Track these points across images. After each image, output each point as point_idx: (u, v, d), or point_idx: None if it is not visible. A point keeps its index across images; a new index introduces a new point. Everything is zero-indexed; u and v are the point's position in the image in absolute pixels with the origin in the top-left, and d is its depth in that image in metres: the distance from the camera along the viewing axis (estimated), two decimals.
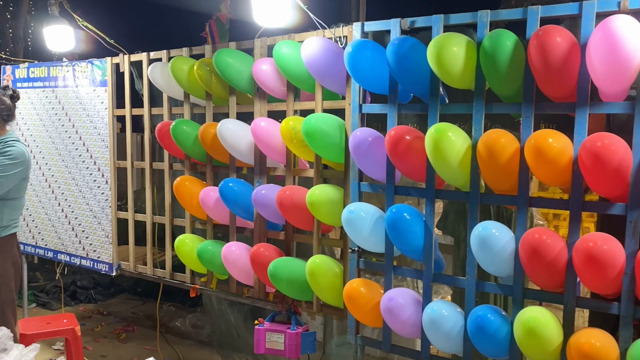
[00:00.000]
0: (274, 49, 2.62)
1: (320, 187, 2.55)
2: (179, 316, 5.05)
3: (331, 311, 2.70)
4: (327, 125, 2.49)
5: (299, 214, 2.62)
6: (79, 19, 3.49)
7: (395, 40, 2.20)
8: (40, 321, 3.53)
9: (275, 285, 2.66)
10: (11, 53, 8.39)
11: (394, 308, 2.28)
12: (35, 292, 5.63)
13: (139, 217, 3.52)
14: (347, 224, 2.37)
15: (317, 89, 2.62)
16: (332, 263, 2.58)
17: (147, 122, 3.38)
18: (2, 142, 2.77)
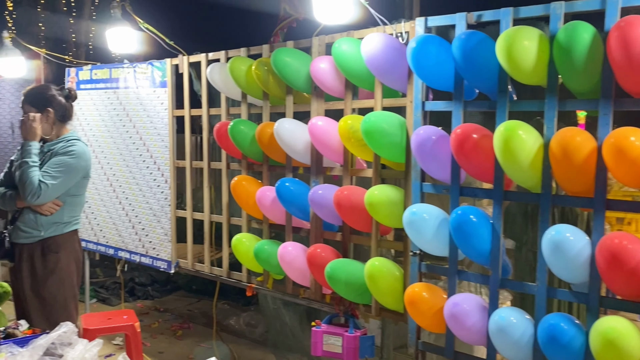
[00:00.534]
0: (333, 47, 2.58)
1: (379, 188, 2.49)
2: (233, 314, 5.10)
3: (390, 315, 2.63)
4: (387, 123, 2.42)
5: (357, 215, 2.56)
6: (139, 21, 3.55)
7: (462, 34, 2.11)
8: (102, 317, 3.62)
9: (333, 287, 2.62)
10: (74, 56, 8.74)
11: (458, 314, 2.19)
12: (96, 288, 5.81)
13: (197, 215, 3.55)
14: (409, 226, 2.29)
15: (377, 86, 2.55)
16: (392, 266, 2.51)
17: (205, 122, 3.41)
18: (63, 140, 2.86)
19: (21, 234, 2.83)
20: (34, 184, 2.67)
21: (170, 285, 6.13)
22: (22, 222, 2.82)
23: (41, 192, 2.68)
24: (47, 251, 2.83)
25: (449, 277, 2.33)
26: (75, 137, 2.92)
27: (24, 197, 2.71)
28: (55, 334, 2.06)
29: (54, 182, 2.71)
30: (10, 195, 2.82)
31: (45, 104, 2.84)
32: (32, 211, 2.80)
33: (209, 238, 3.43)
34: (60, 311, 2.86)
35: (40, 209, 2.78)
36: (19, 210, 2.84)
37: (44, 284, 2.83)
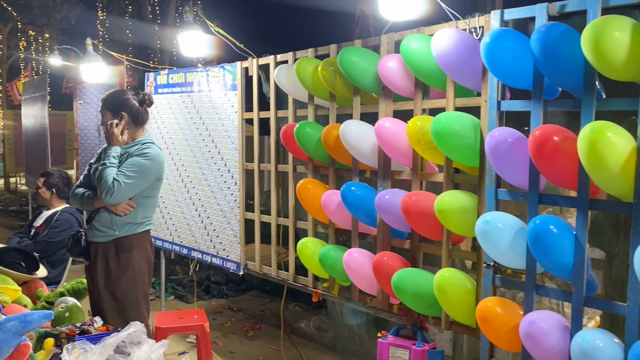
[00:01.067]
0: (402, 44, 2.45)
1: (450, 194, 2.33)
2: (304, 317, 5.06)
3: (461, 329, 2.47)
4: (459, 124, 2.27)
5: (426, 222, 2.42)
6: (211, 25, 3.60)
7: (542, 27, 1.92)
8: (174, 315, 3.70)
9: (400, 297, 2.49)
10: (159, 62, 9.15)
11: (536, 333, 1.99)
12: (174, 285, 6.00)
13: (264, 218, 3.54)
14: (482, 236, 2.13)
15: (449, 85, 2.40)
16: (464, 278, 2.34)
17: (273, 124, 3.39)
18: (138, 143, 2.93)
19: (97, 233, 2.93)
20: (108, 182, 2.76)
21: (244, 285, 6.21)
22: (98, 222, 2.92)
23: (114, 190, 2.76)
24: (120, 250, 2.91)
25: (526, 293, 2.13)
26: (150, 140, 2.99)
27: (99, 195, 2.80)
28: (125, 333, 2.08)
29: (127, 181, 2.78)
30: (88, 196, 2.93)
31: (119, 108, 2.93)
32: (107, 211, 2.89)
33: (275, 241, 3.41)
34: (132, 309, 2.94)
35: (115, 209, 2.86)
36: (96, 210, 2.95)
37: (117, 282, 2.91)
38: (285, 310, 5.22)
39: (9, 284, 2.62)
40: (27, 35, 16.60)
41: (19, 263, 3.00)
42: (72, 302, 2.54)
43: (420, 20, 2.45)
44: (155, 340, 2.24)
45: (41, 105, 7.00)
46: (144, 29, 9.49)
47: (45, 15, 16.54)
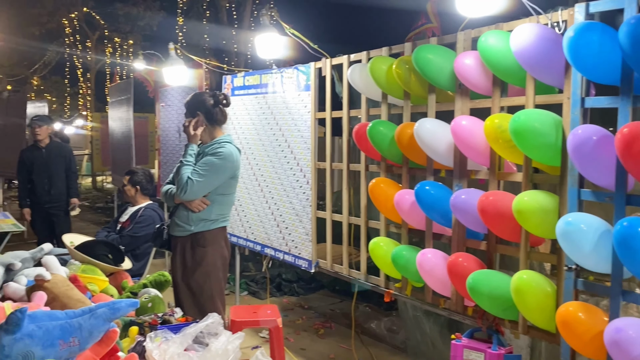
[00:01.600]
0: (479, 41, 2.39)
1: (530, 194, 2.25)
2: (375, 318, 5.05)
3: (540, 334, 2.38)
4: (539, 122, 2.18)
5: (504, 223, 2.35)
6: (286, 27, 3.67)
7: (632, 19, 1.81)
8: (248, 310, 3.79)
9: (475, 299, 2.43)
10: (235, 65, 9.43)
11: (622, 341, 1.89)
12: (247, 281, 6.16)
13: (336, 217, 3.57)
14: (563, 238, 2.04)
15: (529, 82, 2.32)
16: (543, 281, 2.26)
17: (345, 124, 3.41)
18: (215, 143, 3.06)
19: (176, 228, 3.07)
20: (183, 180, 2.91)
21: (314, 283, 6.28)
22: (177, 217, 3.07)
23: (187, 188, 2.89)
24: (195, 245, 3.04)
25: (612, 298, 2.02)
26: (227, 140, 3.09)
27: (176, 193, 2.93)
28: (203, 324, 2.17)
29: (199, 179, 2.91)
30: (170, 193, 3.09)
31: (195, 108, 3.08)
32: (185, 207, 3.03)
33: (347, 240, 3.42)
34: (207, 303, 3.06)
35: (190, 205, 3.00)
36: (176, 205, 3.09)
37: (192, 275, 3.04)
38: (356, 310, 5.23)
39: (97, 274, 2.78)
40: (112, 42, 17.62)
41: (106, 255, 3.19)
42: (155, 294, 2.68)
43: (498, 16, 2.38)
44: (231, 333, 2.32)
45: (126, 108, 7.40)
46: (220, 33, 9.82)
47: (130, 23, 17.50)
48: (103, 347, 1.82)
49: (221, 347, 2.06)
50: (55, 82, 22.74)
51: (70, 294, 2.33)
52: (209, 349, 2.02)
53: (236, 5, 10.01)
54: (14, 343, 1.63)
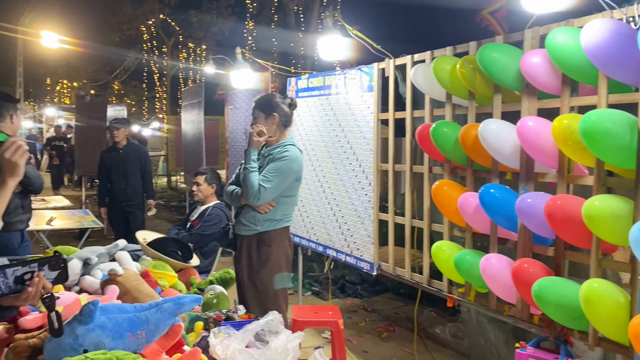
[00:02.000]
0: (547, 38, 2.30)
1: (601, 198, 2.14)
2: (439, 323, 4.95)
3: (612, 347, 2.25)
4: (612, 123, 2.07)
5: (573, 229, 2.24)
6: (349, 28, 3.68)
7: None
8: (310, 310, 3.83)
9: (541, 307, 2.34)
10: (302, 67, 9.56)
11: None
12: (311, 282, 6.21)
13: (398, 219, 3.53)
14: (637, 245, 1.92)
15: (601, 80, 2.20)
16: (616, 290, 2.13)
17: (408, 124, 3.37)
18: (280, 146, 3.11)
19: (242, 227, 3.16)
20: (254, 188, 2.98)
21: (379, 286, 6.24)
22: (243, 217, 3.15)
23: (260, 195, 2.97)
24: (261, 244, 3.11)
25: None
26: (291, 142, 3.15)
27: (247, 199, 3.03)
28: (264, 321, 2.21)
29: (269, 185, 2.99)
30: (236, 194, 3.17)
31: (272, 110, 3.12)
32: (251, 208, 3.11)
33: (409, 243, 3.38)
34: (271, 301, 3.12)
35: (258, 208, 3.07)
36: (242, 206, 3.17)
37: (258, 273, 3.11)
38: (420, 314, 5.15)
39: (167, 270, 2.90)
40: (187, 47, 18.34)
41: (176, 252, 3.32)
42: (220, 290, 2.76)
43: (568, 12, 2.28)
44: (292, 332, 2.35)
45: (198, 111, 7.68)
46: (288, 37, 9.98)
47: (203, 29, 18.15)
48: (169, 340, 1.90)
49: (281, 345, 2.09)
50: (134, 87, 23.98)
51: (141, 288, 2.45)
52: (269, 346, 2.06)
53: (304, 9, 10.16)
54: (87, 333, 1.74)
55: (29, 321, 2.07)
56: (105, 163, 6.04)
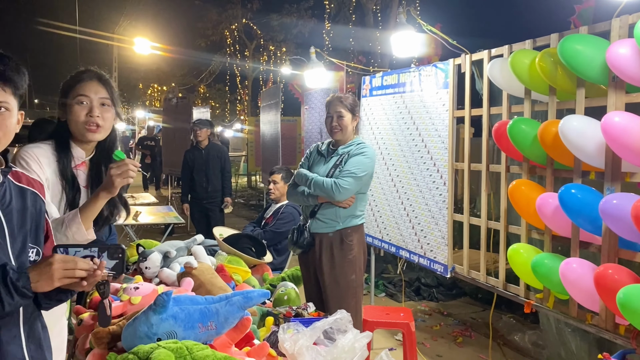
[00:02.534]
0: (636, 27, 2.13)
1: None
2: (518, 330, 4.74)
3: None
4: None
5: None
6: (423, 24, 3.61)
7: None
8: (381, 311, 3.80)
9: (627, 317, 2.17)
10: (379, 65, 9.50)
11: None
12: (385, 283, 6.15)
13: (473, 220, 3.41)
14: None
15: None
16: None
17: (485, 122, 3.25)
18: (353, 144, 3.20)
19: (321, 225, 3.21)
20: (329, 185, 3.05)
21: (455, 290, 6.07)
22: (322, 215, 3.20)
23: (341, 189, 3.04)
24: (344, 240, 3.16)
25: None
26: (361, 141, 3.26)
27: (332, 197, 3.08)
28: (332, 319, 2.22)
29: (353, 179, 3.05)
30: (309, 193, 3.21)
31: (357, 112, 3.28)
32: (330, 205, 3.14)
33: (485, 245, 3.26)
34: (351, 296, 3.17)
35: (340, 203, 3.12)
36: (318, 204, 3.21)
37: (341, 270, 3.16)
38: (498, 320, 4.95)
39: (241, 265, 2.98)
40: (268, 50, 18.80)
41: (250, 248, 3.40)
42: (291, 287, 2.80)
43: None
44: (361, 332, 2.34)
45: (275, 112, 7.83)
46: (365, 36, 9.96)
47: (283, 32, 18.53)
48: (238, 333, 1.95)
49: (348, 344, 2.09)
50: (218, 90, 24.91)
51: (214, 282, 2.53)
52: (336, 344, 2.05)
53: (382, 7, 10.09)
54: (160, 322, 1.81)
55: None
56: (188, 162, 6.30)
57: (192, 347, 1.75)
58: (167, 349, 1.70)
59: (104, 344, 1.92)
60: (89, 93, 2.06)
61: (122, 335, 1.86)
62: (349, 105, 3.22)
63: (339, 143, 3.26)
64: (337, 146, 3.26)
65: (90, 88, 2.07)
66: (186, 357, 1.71)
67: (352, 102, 3.26)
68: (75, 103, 2.06)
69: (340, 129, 3.19)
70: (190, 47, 20.46)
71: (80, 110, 2.06)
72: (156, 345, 1.73)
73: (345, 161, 3.13)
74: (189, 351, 1.73)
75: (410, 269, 6.16)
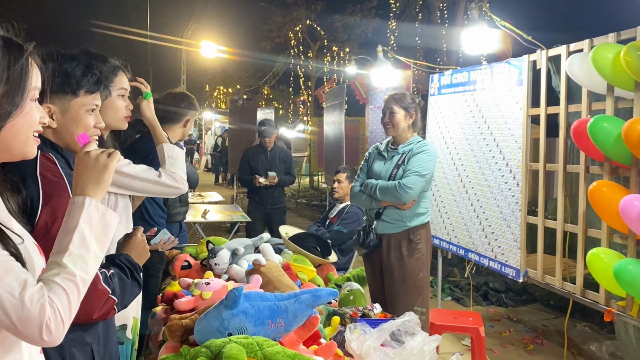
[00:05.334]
0: None
1: None
2: (595, 340, 4.50)
3: None
4: None
5: None
6: (497, 19, 3.49)
7: None
8: (449, 314, 3.71)
9: None
10: (445, 63, 9.32)
11: None
12: (451, 287, 6.01)
13: (549, 223, 3.26)
14: None
15: None
16: None
17: (562, 120, 3.11)
18: (412, 142, 3.21)
19: (388, 225, 3.20)
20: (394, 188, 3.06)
21: (525, 295, 5.85)
22: (388, 216, 3.20)
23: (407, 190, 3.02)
24: (411, 239, 3.16)
25: None
26: (421, 139, 3.26)
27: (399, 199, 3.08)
28: (400, 321, 2.18)
29: (417, 178, 3.04)
30: (373, 197, 3.21)
31: (411, 109, 3.25)
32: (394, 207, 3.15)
33: (561, 249, 3.11)
34: (418, 295, 3.16)
35: (403, 206, 3.10)
36: (382, 207, 3.20)
37: (409, 268, 3.17)
38: (573, 328, 4.73)
39: (307, 264, 2.99)
40: (331, 51, 18.86)
41: (315, 248, 3.41)
42: (357, 287, 2.78)
43: None
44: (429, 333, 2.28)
45: (339, 112, 7.84)
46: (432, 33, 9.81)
47: (347, 31, 18.54)
48: (306, 331, 1.95)
49: (417, 347, 2.05)
50: (282, 91, 25.23)
51: (282, 279, 2.54)
52: (404, 346, 2.02)
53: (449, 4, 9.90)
54: (232, 317, 1.84)
55: (183, 303, 2.26)
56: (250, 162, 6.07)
57: (262, 343, 1.76)
58: (239, 343, 1.72)
59: (177, 337, 1.97)
60: (125, 85, 2.14)
61: (194, 329, 1.90)
62: (401, 102, 3.21)
63: (397, 141, 3.27)
64: (396, 145, 3.27)
65: (125, 80, 2.14)
66: (257, 353, 1.72)
67: (406, 99, 3.24)
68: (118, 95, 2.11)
69: (392, 125, 3.21)
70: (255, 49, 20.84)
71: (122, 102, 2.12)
72: (228, 339, 1.76)
73: (406, 160, 3.12)
74: (260, 347, 1.74)
75: (477, 273, 5.99)
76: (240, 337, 1.77)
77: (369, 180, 3.25)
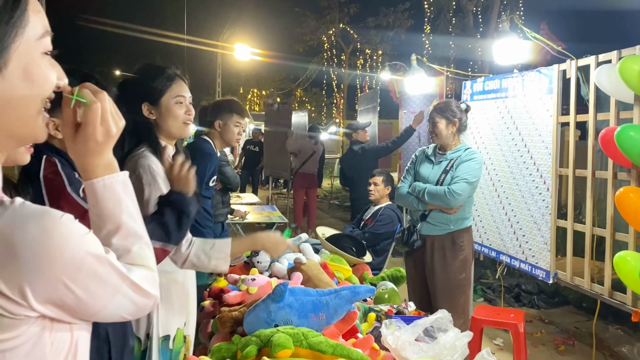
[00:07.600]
0: None
1: None
2: (627, 342, 4.54)
3: None
4: None
5: None
6: (527, 31, 3.60)
7: None
8: (492, 310, 3.78)
9: None
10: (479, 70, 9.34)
11: None
12: (484, 288, 6.09)
13: (578, 227, 3.36)
14: None
15: None
16: None
17: (591, 128, 3.21)
18: (460, 149, 3.29)
19: (433, 227, 3.34)
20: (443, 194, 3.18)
21: (558, 298, 5.87)
22: (433, 218, 3.34)
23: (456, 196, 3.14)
24: (455, 242, 3.30)
25: None
26: (469, 146, 3.34)
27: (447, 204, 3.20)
28: (433, 318, 2.32)
29: (466, 185, 3.15)
30: (420, 200, 3.34)
31: (453, 116, 3.31)
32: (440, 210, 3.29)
33: (589, 252, 3.21)
34: (460, 295, 3.31)
35: (449, 210, 3.23)
36: (428, 210, 3.34)
37: (452, 269, 3.29)
38: (605, 330, 4.76)
39: (343, 264, 3.15)
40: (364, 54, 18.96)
41: (350, 248, 3.57)
42: (391, 287, 2.93)
43: None
44: (470, 330, 2.41)
45: (372, 115, 7.97)
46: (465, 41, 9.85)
47: (380, 35, 18.61)
48: (345, 325, 2.11)
49: (449, 342, 2.18)
50: (315, 94, 25.42)
51: (321, 277, 2.72)
52: (437, 341, 2.15)
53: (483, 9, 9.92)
54: (278, 310, 2.03)
55: (231, 297, 2.46)
56: None
57: (307, 334, 1.93)
58: (286, 333, 1.90)
59: (228, 327, 2.16)
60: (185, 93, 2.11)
61: (244, 320, 2.08)
62: (442, 112, 3.30)
63: (445, 148, 3.34)
64: (444, 150, 3.35)
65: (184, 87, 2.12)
66: (302, 342, 1.89)
67: (449, 108, 3.32)
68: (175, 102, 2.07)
69: (436, 134, 3.32)
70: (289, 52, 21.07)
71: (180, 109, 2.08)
72: (275, 330, 1.94)
73: (455, 166, 3.22)
74: (305, 337, 1.91)
75: (509, 275, 6.04)
76: (287, 327, 1.95)
77: (416, 182, 3.35)
